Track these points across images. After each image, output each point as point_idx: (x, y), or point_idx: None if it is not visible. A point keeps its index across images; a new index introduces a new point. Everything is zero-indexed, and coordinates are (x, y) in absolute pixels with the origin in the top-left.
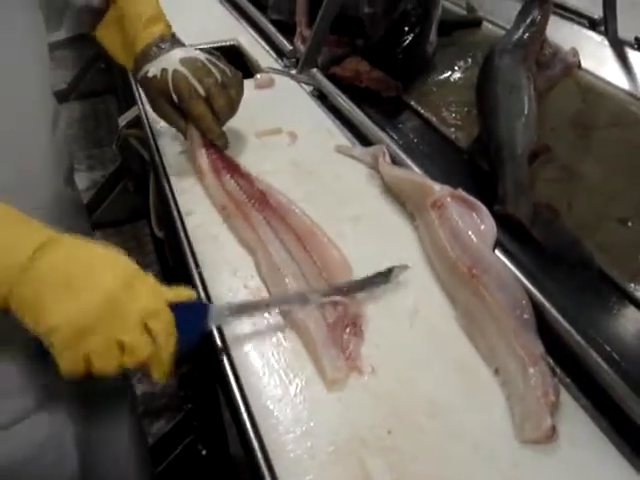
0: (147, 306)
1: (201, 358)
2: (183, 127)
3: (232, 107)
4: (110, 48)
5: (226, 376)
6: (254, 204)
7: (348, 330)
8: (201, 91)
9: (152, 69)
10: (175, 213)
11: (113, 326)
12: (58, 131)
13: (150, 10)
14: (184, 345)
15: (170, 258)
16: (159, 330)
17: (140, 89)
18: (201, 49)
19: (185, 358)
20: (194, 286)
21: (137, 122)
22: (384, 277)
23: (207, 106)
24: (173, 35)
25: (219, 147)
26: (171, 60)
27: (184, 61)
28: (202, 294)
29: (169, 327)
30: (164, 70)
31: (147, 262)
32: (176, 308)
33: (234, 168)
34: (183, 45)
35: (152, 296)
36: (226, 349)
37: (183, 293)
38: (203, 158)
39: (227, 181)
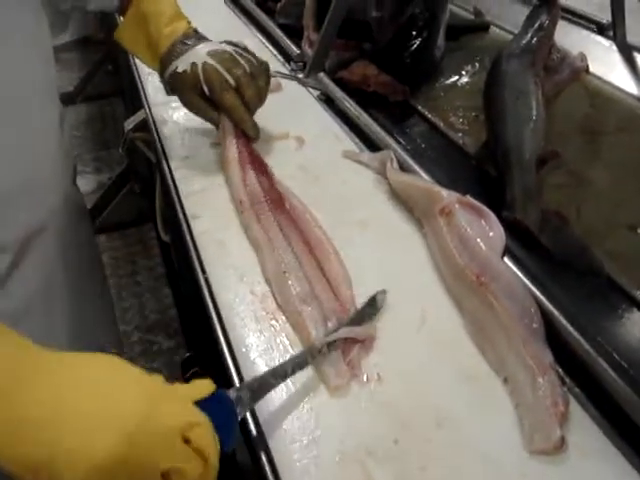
0: (183, 420)
1: (209, 365)
2: (216, 118)
3: (261, 96)
4: (133, 49)
5: (232, 382)
6: (270, 204)
7: None
8: (231, 81)
9: (181, 64)
10: (181, 217)
11: (151, 455)
12: (65, 133)
13: (170, 9)
14: (226, 445)
15: (176, 262)
16: (204, 445)
17: (144, 90)
18: (226, 42)
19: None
20: (200, 292)
21: (144, 125)
22: (372, 307)
23: (238, 97)
24: (196, 31)
25: (250, 139)
26: (199, 54)
27: (212, 54)
28: (209, 301)
29: (212, 437)
30: (193, 64)
31: (152, 265)
32: (204, 407)
33: (259, 165)
34: (207, 40)
35: (183, 407)
36: (233, 358)
37: (205, 388)
38: (232, 148)
39: (250, 176)
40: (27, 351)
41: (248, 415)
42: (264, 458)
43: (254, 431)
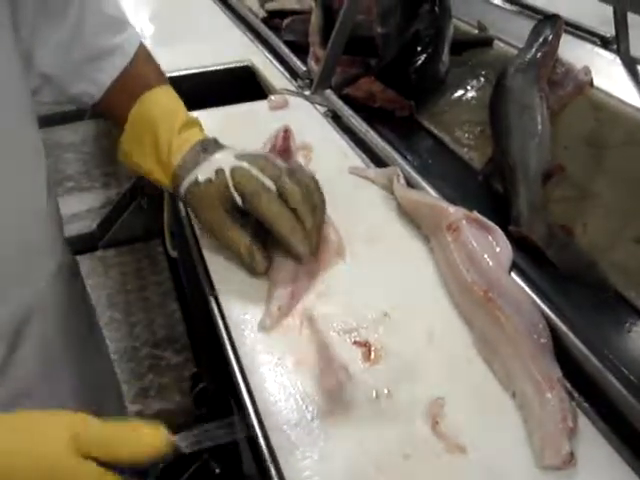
0: None
1: (217, 378)
2: (247, 245)
3: (313, 203)
4: (141, 166)
5: (242, 400)
6: None
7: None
8: (270, 184)
9: (201, 173)
10: (189, 233)
11: None
12: (52, 190)
13: (179, 110)
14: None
15: (184, 278)
16: None
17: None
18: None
19: None
20: (209, 310)
21: None
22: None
23: (281, 202)
24: (215, 140)
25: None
26: (225, 159)
27: (243, 156)
28: (218, 319)
29: None
30: (219, 170)
31: (161, 280)
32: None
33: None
34: (230, 148)
35: None
36: (243, 372)
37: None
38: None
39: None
40: None
41: (258, 431)
42: (274, 475)
43: (264, 446)
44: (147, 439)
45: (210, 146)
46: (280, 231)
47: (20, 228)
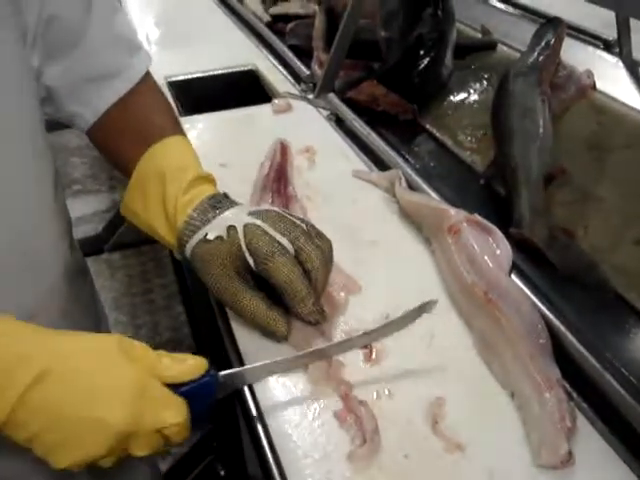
0: (160, 421)
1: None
2: (266, 315)
3: (328, 269)
4: (144, 222)
5: (246, 401)
6: None
7: None
8: (287, 244)
9: (212, 231)
10: None
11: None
12: (59, 191)
13: (190, 166)
14: (194, 423)
15: (189, 280)
16: (174, 434)
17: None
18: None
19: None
20: (212, 311)
21: None
22: (418, 312)
23: (297, 265)
24: (226, 195)
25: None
26: (238, 216)
27: (257, 213)
28: (220, 321)
29: (184, 428)
30: (230, 228)
31: (166, 283)
32: (184, 390)
33: None
34: (243, 205)
35: (165, 407)
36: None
37: (191, 371)
38: None
39: None
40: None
41: (260, 431)
42: (276, 474)
43: (266, 446)
44: (190, 360)
45: (221, 202)
46: (293, 297)
47: (26, 228)
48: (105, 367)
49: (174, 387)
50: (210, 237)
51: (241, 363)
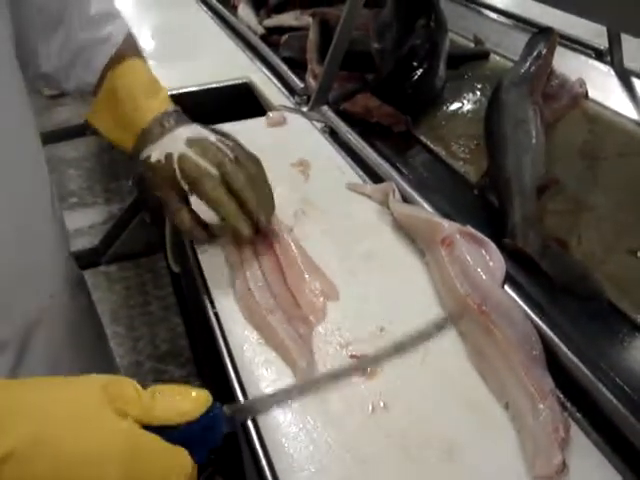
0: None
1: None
2: (188, 223)
3: (255, 185)
4: (105, 131)
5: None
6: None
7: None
8: (213, 170)
9: (154, 153)
10: (189, 249)
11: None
12: (56, 202)
13: (146, 81)
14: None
15: (186, 292)
16: None
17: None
18: (210, 128)
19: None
20: (210, 326)
21: None
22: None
23: (224, 188)
24: (176, 111)
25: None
26: (176, 142)
27: (191, 142)
28: (219, 334)
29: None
30: (168, 155)
31: (164, 295)
32: (186, 431)
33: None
34: (188, 122)
35: (165, 465)
36: (243, 389)
37: (191, 409)
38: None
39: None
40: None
41: (257, 444)
42: None
43: (263, 459)
44: (191, 395)
45: (170, 119)
46: (224, 215)
47: (24, 244)
48: (88, 431)
49: (174, 429)
50: (152, 160)
51: (237, 375)
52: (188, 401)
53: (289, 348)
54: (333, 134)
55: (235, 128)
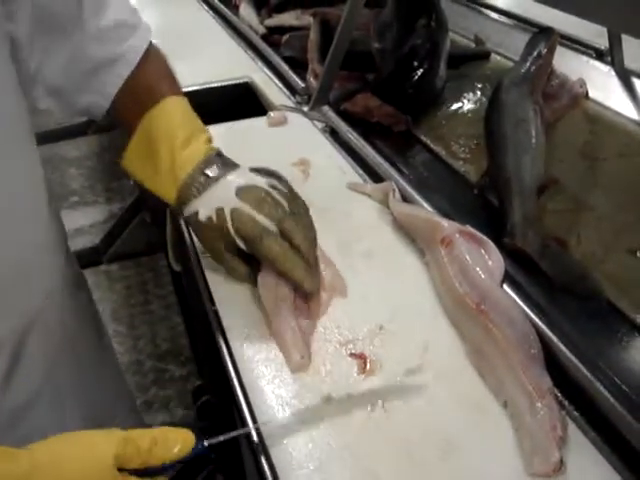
0: None
1: (220, 390)
2: (248, 276)
3: (311, 239)
4: (143, 180)
5: (241, 412)
6: None
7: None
8: (271, 226)
9: (202, 209)
10: (190, 249)
11: None
12: (52, 202)
13: (185, 123)
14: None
15: (187, 291)
16: None
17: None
18: (254, 169)
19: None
20: (210, 325)
21: None
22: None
23: (284, 243)
24: (220, 154)
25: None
26: (226, 195)
27: (242, 192)
28: (218, 334)
29: None
30: (219, 210)
31: (164, 293)
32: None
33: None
34: (233, 166)
35: None
36: (242, 387)
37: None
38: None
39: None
40: None
41: (257, 442)
42: None
43: (263, 459)
44: (178, 444)
45: (214, 167)
46: (285, 270)
47: (19, 243)
48: None
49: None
50: (201, 218)
51: (237, 373)
52: (177, 445)
53: (286, 339)
54: (334, 134)
55: (236, 127)
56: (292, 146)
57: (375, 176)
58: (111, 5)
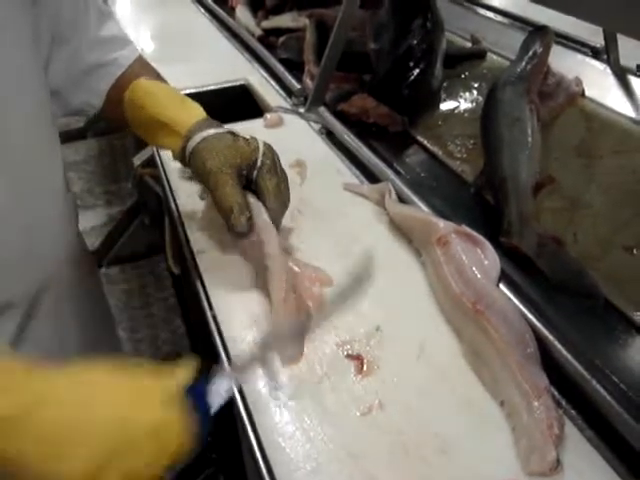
0: (157, 423)
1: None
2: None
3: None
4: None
5: (239, 414)
6: None
7: None
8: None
9: (230, 132)
10: (187, 252)
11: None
12: (66, 179)
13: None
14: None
15: (187, 294)
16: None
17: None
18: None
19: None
20: (208, 326)
21: (151, 161)
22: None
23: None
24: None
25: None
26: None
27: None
28: (217, 337)
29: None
30: (252, 137)
31: (165, 296)
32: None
33: None
34: None
35: (162, 412)
36: (241, 390)
37: (185, 375)
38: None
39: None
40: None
41: (254, 443)
42: None
43: (260, 459)
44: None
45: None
46: (276, 207)
47: (36, 211)
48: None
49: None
50: (221, 130)
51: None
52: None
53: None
54: (330, 135)
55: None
56: (288, 147)
57: (371, 177)
58: (110, 20)
